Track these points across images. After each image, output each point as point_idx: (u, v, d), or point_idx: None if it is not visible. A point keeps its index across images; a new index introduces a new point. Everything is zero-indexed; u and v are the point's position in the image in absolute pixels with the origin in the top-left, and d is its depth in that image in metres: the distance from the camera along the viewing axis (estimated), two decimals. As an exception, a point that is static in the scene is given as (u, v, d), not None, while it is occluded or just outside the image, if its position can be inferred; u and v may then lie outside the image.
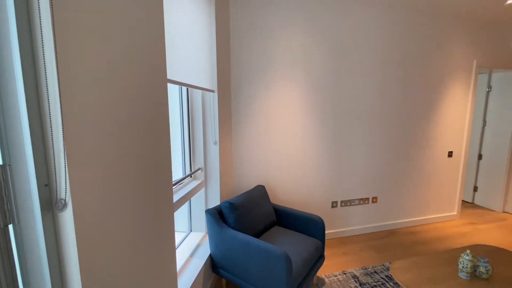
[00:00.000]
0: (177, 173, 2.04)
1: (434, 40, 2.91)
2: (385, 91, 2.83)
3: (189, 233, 2.20)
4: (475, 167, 3.89)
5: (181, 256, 1.85)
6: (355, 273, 2.26)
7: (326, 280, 2.16)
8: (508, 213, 3.60)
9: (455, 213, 3.40)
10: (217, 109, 2.04)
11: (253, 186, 2.55)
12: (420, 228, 3.13)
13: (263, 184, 2.58)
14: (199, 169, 2.09)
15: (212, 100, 2.04)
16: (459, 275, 1.58)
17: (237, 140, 2.47)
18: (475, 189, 3.93)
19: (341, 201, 2.87)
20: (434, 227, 3.17)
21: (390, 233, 3.00)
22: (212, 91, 2.00)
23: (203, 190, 2.15)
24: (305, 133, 2.64)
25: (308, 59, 2.54)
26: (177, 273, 1.68)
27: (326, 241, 2.83)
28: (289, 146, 2.62)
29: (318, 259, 2.03)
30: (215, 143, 2.09)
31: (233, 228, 1.85)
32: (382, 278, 2.18)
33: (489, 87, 3.67)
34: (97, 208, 0.79)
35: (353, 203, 2.92)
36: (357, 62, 2.68)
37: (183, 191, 1.76)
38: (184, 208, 2.17)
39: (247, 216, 1.92)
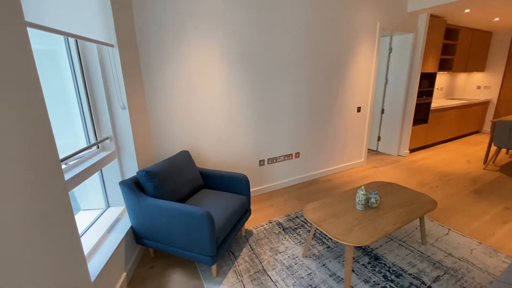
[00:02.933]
0: (79, 144, 1.76)
1: (344, 2, 3.06)
2: (303, 53, 2.92)
3: (106, 209, 2.01)
4: (379, 120, 4.57)
5: (95, 234, 1.69)
6: (280, 220, 2.49)
7: (254, 231, 2.32)
8: (401, 156, 4.43)
9: (363, 160, 4.00)
10: (121, 68, 1.77)
11: (176, 152, 2.43)
12: (335, 176, 3.60)
13: (188, 149, 2.49)
14: (106, 138, 1.85)
15: (113, 56, 1.75)
16: (356, 207, 1.88)
17: (153, 104, 2.25)
18: (379, 138, 4.66)
19: (268, 159, 3.03)
20: (346, 173, 3.69)
21: (311, 183, 3.37)
22: (111, 45, 1.70)
23: (116, 161, 1.94)
24: (229, 94, 2.58)
25: (225, 15, 2.37)
26: (90, 252, 1.54)
27: (256, 197, 3.00)
28: (214, 109, 2.54)
29: (244, 213, 2.13)
30: (124, 108, 1.85)
31: (153, 196, 1.76)
32: (302, 221, 2.47)
33: (390, 48, 4.18)
34: None
35: (279, 160, 3.11)
36: (274, 23, 2.65)
37: (85, 165, 1.55)
38: (96, 183, 1.94)
39: (168, 183, 1.84)
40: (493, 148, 4.74)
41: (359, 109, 3.66)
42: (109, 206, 2.04)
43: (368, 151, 4.75)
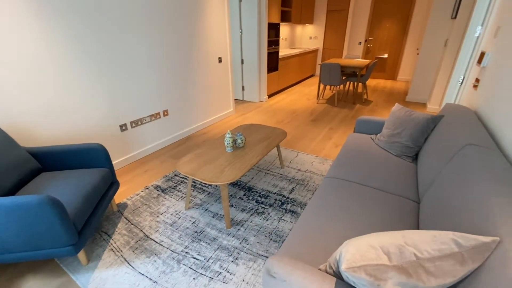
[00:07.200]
0: None
1: None
2: (157, 9, 2.51)
3: None
4: (240, 70, 4.87)
5: None
6: (157, 183, 2.36)
7: (129, 202, 2.11)
8: (262, 101, 5.02)
9: (232, 109, 4.26)
10: None
11: (-18, 134, 1.70)
12: (209, 128, 3.70)
13: (1, 127, 1.79)
14: None
15: None
16: (226, 151, 2.01)
17: None
18: (243, 88, 5.03)
19: (131, 122, 2.67)
20: (218, 124, 3.86)
21: (187, 139, 3.32)
22: None
23: None
24: (57, 43, 1.93)
25: None
26: None
27: (126, 166, 2.67)
28: (44, 71, 1.85)
29: (110, 187, 1.86)
30: None
31: None
32: (181, 178, 2.45)
33: (240, -3, 4.29)
34: None
35: (144, 121, 2.81)
36: None
37: None
38: None
39: (-29, 176, 1.29)
40: (322, 86, 6.18)
41: (220, 60, 3.71)
42: None
43: (235, 101, 5.08)
